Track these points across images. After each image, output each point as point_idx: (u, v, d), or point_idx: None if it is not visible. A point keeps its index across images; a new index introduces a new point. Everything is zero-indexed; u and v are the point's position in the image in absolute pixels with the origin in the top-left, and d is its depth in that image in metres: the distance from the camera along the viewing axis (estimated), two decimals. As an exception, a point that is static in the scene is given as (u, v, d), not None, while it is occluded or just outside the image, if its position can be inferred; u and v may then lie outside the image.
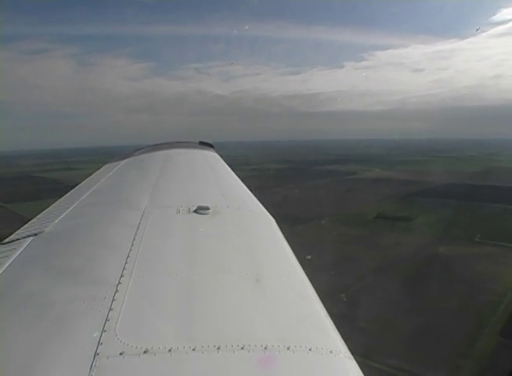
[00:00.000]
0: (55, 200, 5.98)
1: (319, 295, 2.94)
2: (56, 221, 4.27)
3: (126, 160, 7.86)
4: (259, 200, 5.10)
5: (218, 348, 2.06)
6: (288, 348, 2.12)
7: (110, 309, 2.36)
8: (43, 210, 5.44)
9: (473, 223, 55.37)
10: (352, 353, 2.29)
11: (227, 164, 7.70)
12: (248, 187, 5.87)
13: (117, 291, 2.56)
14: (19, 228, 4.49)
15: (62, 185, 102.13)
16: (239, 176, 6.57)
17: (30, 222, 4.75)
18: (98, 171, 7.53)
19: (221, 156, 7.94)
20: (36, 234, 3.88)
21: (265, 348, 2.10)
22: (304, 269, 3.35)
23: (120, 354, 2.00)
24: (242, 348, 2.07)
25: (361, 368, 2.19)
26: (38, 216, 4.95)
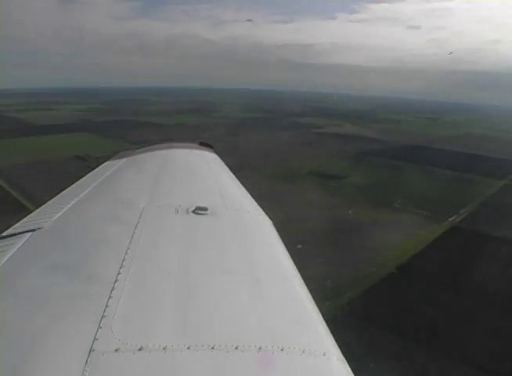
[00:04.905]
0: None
1: None
2: (55, 217, 4.17)
3: (126, 159, 7.56)
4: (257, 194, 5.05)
5: (213, 348, 2.09)
6: (282, 350, 2.14)
7: (107, 306, 2.37)
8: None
9: (405, 188, 51.43)
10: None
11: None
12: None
13: (113, 288, 2.56)
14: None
15: (24, 125, 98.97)
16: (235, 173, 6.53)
17: (28, 216, 4.55)
18: (97, 169, 7.12)
19: (220, 156, 7.75)
20: (34, 230, 3.83)
21: (259, 348, 2.13)
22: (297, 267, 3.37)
23: (116, 351, 2.02)
24: (236, 348, 2.10)
25: (353, 372, 2.20)
26: (37, 211, 4.78)
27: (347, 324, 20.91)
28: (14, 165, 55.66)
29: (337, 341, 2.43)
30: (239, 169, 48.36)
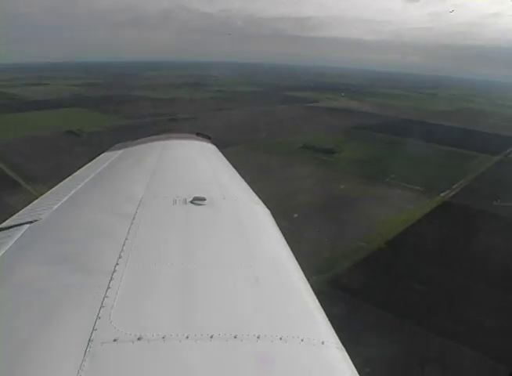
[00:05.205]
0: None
1: None
2: (53, 209, 4.19)
3: (123, 150, 7.50)
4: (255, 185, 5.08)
5: (211, 337, 2.10)
6: (280, 339, 2.16)
7: (105, 297, 2.38)
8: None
9: (399, 163, 50.88)
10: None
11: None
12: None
13: (112, 278, 2.58)
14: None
15: (18, 100, 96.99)
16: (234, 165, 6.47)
17: (25, 208, 4.60)
18: (95, 160, 7.08)
19: (217, 147, 7.75)
20: (32, 222, 3.85)
21: (258, 337, 2.14)
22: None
23: (114, 340, 2.04)
24: (235, 337, 2.12)
25: (352, 360, 2.22)
26: (34, 203, 4.81)
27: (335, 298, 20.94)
28: (6, 141, 54.36)
29: (335, 329, 2.41)
30: (232, 143, 47.73)
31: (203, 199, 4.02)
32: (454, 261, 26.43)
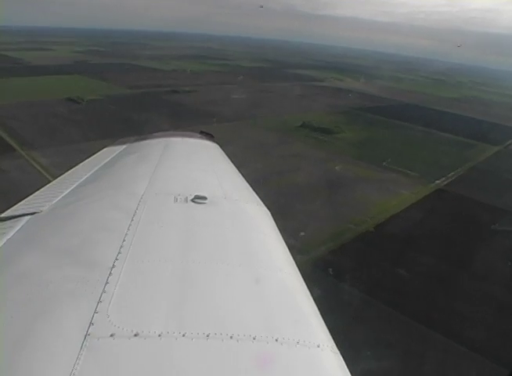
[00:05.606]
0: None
1: None
2: (54, 201, 4.20)
3: (126, 145, 7.50)
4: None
5: (208, 336, 2.11)
6: (276, 340, 2.16)
7: (103, 292, 2.39)
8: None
9: (397, 148, 50.38)
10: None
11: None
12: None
13: (110, 274, 2.58)
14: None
15: (20, 64, 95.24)
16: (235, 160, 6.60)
17: (26, 199, 4.55)
18: (96, 155, 7.10)
19: (220, 145, 7.70)
20: (33, 213, 3.84)
21: (254, 338, 2.15)
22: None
23: (111, 336, 2.05)
24: (231, 338, 2.12)
25: (347, 364, 2.22)
26: (35, 194, 4.78)
27: (316, 278, 20.81)
28: (4, 105, 53.23)
29: (331, 333, 2.41)
30: (230, 119, 47.06)
31: (205, 198, 4.01)
32: (439, 248, 26.26)
